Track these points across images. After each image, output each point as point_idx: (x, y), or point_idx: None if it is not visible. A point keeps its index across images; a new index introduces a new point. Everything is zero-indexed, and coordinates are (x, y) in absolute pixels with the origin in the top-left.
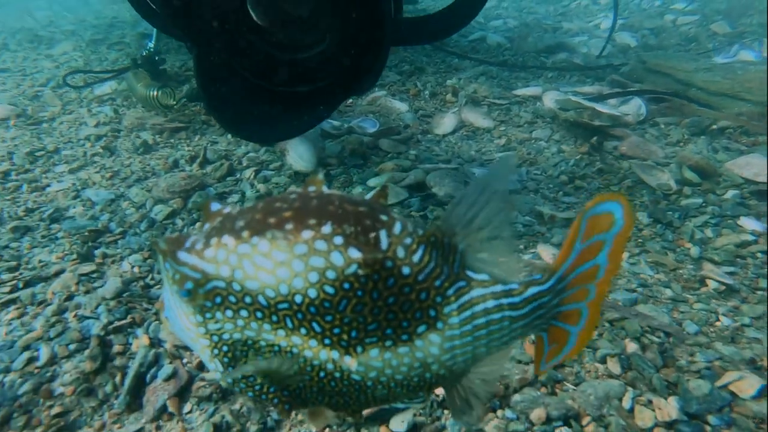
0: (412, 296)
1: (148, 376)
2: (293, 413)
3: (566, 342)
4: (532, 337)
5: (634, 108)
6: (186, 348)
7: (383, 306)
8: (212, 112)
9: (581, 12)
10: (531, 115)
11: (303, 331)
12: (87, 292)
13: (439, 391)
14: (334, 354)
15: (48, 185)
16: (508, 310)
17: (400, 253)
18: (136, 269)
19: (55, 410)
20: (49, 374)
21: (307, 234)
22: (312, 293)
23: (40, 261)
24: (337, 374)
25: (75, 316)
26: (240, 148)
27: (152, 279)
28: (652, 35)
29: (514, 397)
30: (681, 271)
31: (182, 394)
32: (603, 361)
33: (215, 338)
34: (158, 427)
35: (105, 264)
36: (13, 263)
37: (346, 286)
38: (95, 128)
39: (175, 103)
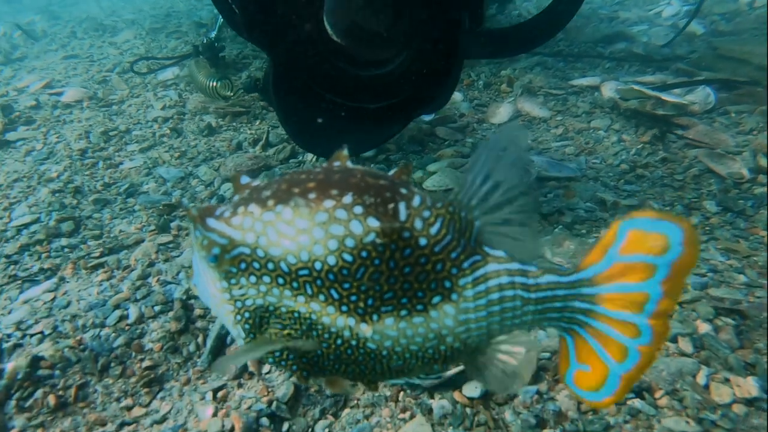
0: (428, 267)
1: (229, 338)
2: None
3: (605, 378)
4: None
5: (701, 96)
6: None
7: (399, 275)
8: (285, 125)
9: (640, 0)
10: (589, 105)
11: (322, 297)
12: (166, 260)
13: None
14: (351, 321)
15: (121, 162)
16: (521, 290)
17: (418, 224)
18: None
19: (146, 363)
20: (138, 331)
21: (328, 203)
22: (331, 260)
23: (120, 231)
24: (354, 342)
25: (157, 281)
26: None
27: None
28: (724, 21)
29: None
30: (755, 258)
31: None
32: (674, 340)
33: (239, 304)
34: (240, 385)
35: (180, 236)
36: (97, 232)
37: (364, 254)
38: (162, 111)
39: (232, 94)
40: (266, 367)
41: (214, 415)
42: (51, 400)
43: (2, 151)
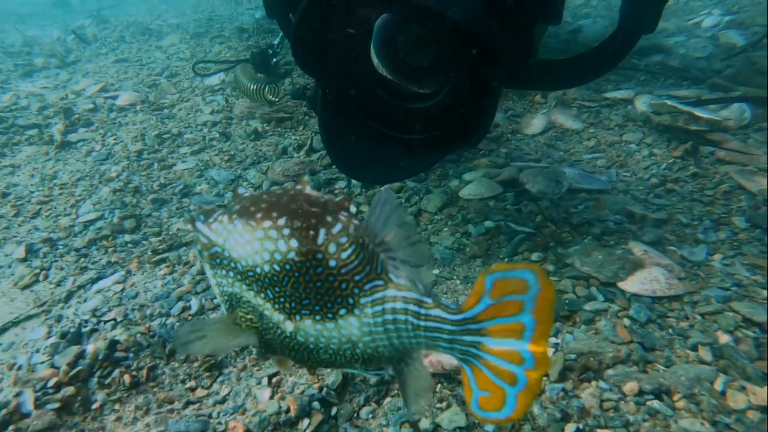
0: (335, 284)
1: None
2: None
3: (504, 400)
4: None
5: (736, 112)
6: None
7: (313, 288)
8: (328, 148)
9: (680, 9)
10: (622, 119)
11: (262, 295)
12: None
13: None
14: (281, 317)
15: (174, 164)
16: (412, 316)
17: (332, 248)
18: None
19: None
20: (200, 320)
21: (267, 223)
22: (266, 268)
23: (178, 228)
24: (288, 333)
25: None
26: None
27: None
28: None
29: (608, 372)
30: None
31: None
32: (694, 348)
33: (220, 288)
34: (292, 373)
35: None
36: (156, 229)
37: (288, 267)
38: (210, 115)
39: (277, 100)
40: None
41: (271, 397)
42: (126, 379)
43: (65, 151)
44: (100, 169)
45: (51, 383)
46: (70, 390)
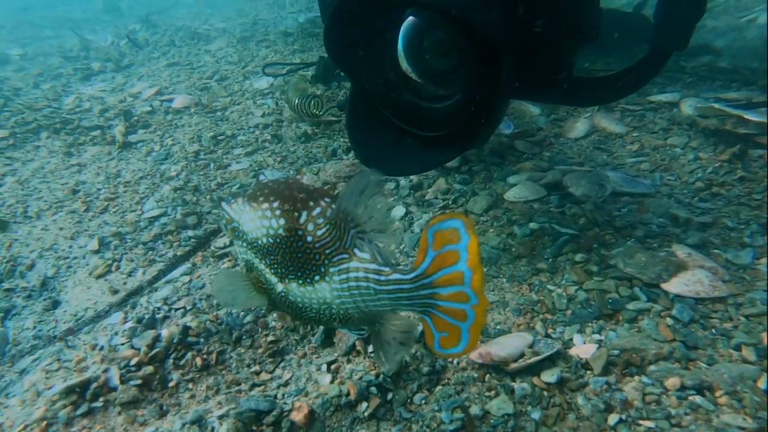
0: (311, 256)
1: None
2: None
3: (460, 336)
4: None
5: None
6: None
7: (295, 258)
8: (351, 139)
9: (731, 6)
10: (666, 122)
11: (263, 262)
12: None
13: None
14: (275, 280)
15: (229, 165)
16: (373, 283)
17: (310, 227)
18: None
19: (270, 338)
20: (262, 311)
21: (264, 206)
22: (263, 240)
23: None
24: (282, 294)
25: None
26: None
27: None
28: None
29: (650, 368)
30: None
31: (367, 338)
32: (738, 348)
33: (240, 255)
34: (349, 360)
35: None
36: (216, 226)
37: (278, 240)
38: (262, 118)
39: (321, 113)
40: (370, 347)
41: (332, 382)
42: (198, 361)
43: (126, 151)
44: (160, 168)
45: (133, 362)
46: (149, 369)
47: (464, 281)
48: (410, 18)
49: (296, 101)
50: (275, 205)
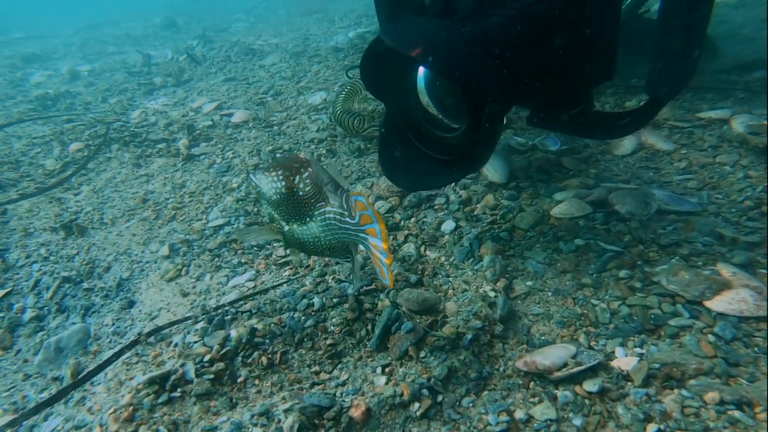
0: (302, 205)
1: (393, 328)
2: None
3: (384, 272)
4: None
5: None
6: (419, 312)
7: (293, 207)
8: (380, 156)
9: None
10: (716, 139)
11: (277, 212)
12: (337, 263)
13: (626, 365)
14: (284, 223)
15: None
16: (337, 222)
17: (301, 186)
18: None
19: (329, 341)
20: (322, 316)
21: (274, 173)
22: (275, 197)
23: None
24: (289, 233)
25: (333, 279)
26: None
27: None
28: None
29: (690, 382)
30: None
31: (418, 344)
32: None
33: (263, 211)
34: (402, 364)
35: None
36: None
37: (282, 196)
38: (317, 133)
39: (364, 131)
40: (422, 352)
41: (386, 383)
42: (264, 360)
43: (190, 163)
44: (222, 180)
45: (206, 359)
46: (220, 365)
47: (377, 233)
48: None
49: (339, 111)
50: (279, 172)
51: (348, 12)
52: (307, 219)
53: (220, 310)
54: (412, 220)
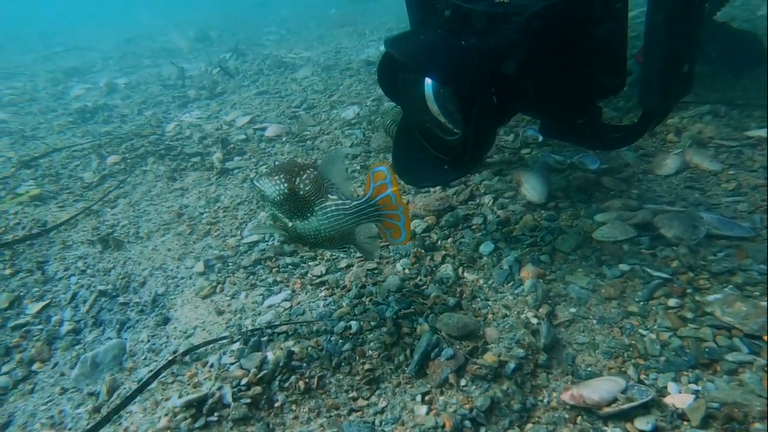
0: (304, 203)
1: (432, 354)
2: None
3: (400, 230)
4: None
5: None
6: (459, 338)
7: (295, 205)
8: (393, 154)
9: None
10: None
11: (280, 211)
12: (375, 284)
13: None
14: (287, 220)
15: None
16: (341, 210)
17: (302, 186)
18: (407, 270)
19: (367, 366)
20: (360, 340)
21: (276, 177)
22: (277, 198)
23: (331, 255)
24: (292, 228)
25: (370, 300)
26: (476, 177)
27: (421, 280)
28: None
29: (755, 425)
30: None
31: (459, 372)
32: None
33: (267, 210)
34: (442, 392)
35: (382, 263)
36: (312, 253)
37: (284, 196)
38: (350, 148)
39: None
40: (463, 380)
41: (427, 413)
42: (301, 384)
43: (224, 177)
44: (255, 195)
45: (243, 382)
46: (258, 389)
47: (392, 202)
48: None
49: (389, 122)
50: (281, 176)
51: (379, 25)
52: (308, 215)
53: (256, 332)
54: (449, 240)
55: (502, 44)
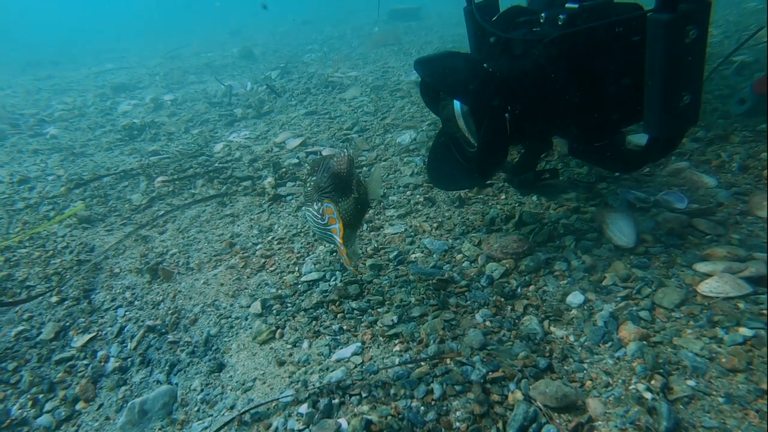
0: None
1: (530, 429)
2: None
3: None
4: None
5: None
6: (557, 410)
7: (313, 215)
8: (428, 162)
9: None
10: None
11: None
12: (454, 338)
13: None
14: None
15: (382, 227)
16: (314, 220)
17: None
18: (488, 323)
19: None
20: (444, 408)
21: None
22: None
23: (401, 299)
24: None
25: (452, 360)
26: (551, 213)
27: (504, 335)
28: None
29: None
30: None
31: None
32: None
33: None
34: None
35: (459, 312)
36: (379, 297)
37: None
38: (411, 177)
39: None
40: None
41: None
42: None
43: (276, 204)
44: None
45: None
46: None
47: (337, 232)
48: None
49: None
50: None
51: (424, 44)
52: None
53: (325, 391)
54: (531, 287)
55: (521, 68)
